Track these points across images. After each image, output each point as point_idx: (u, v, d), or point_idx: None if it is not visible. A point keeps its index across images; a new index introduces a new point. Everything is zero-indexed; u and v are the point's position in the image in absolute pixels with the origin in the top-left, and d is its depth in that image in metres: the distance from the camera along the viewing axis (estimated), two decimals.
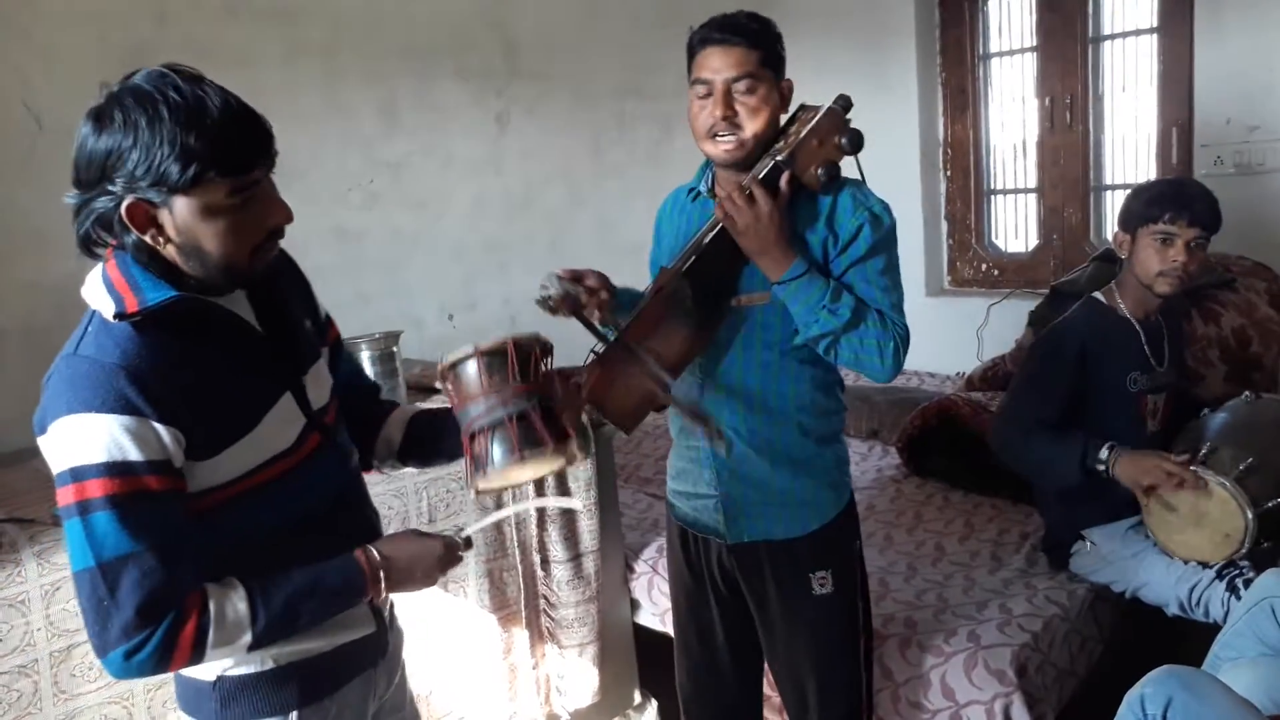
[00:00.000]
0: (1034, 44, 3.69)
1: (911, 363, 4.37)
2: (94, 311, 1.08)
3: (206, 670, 1.16)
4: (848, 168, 1.56)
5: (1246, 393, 2.15)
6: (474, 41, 3.32)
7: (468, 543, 1.26)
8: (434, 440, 1.36)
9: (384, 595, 1.18)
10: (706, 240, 1.52)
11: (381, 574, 1.16)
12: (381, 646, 1.30)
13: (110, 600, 1.01)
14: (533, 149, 3.50)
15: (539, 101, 3.51)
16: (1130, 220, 2.04)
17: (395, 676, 1.38)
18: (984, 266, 4.00)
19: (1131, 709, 1.48)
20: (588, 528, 2.26)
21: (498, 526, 2.17)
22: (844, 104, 1.53)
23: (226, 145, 1.02)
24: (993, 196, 3.99)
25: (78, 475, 1.01)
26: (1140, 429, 2.08)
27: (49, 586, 1.54)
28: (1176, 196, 1.98)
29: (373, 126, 3.05)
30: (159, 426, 1.02)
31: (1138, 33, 3.44)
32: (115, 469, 1.00)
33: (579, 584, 2.25)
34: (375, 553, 1.16)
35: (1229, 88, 3.10)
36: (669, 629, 2.40)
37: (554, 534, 2.22)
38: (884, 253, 1.52)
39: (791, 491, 1.61)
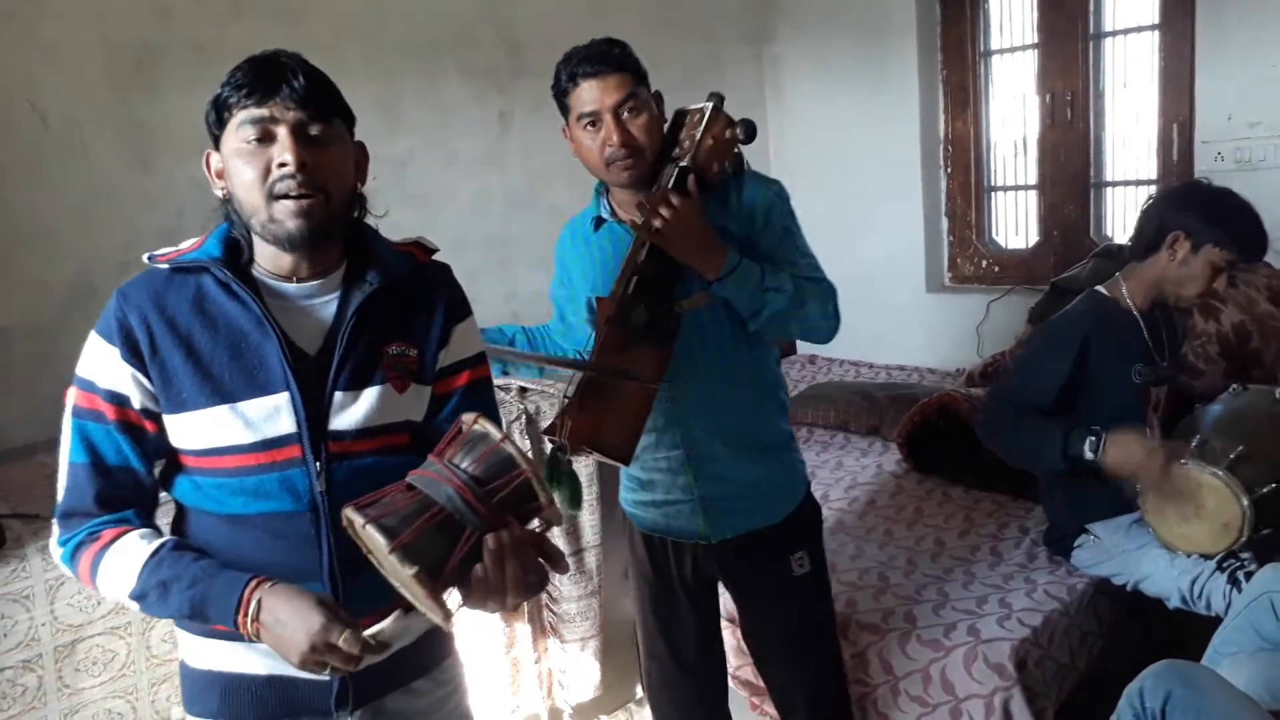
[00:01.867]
0: (1035, 41, 3.68)
1: (912, 358, 4.40)
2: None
3: (179, 650, 1.24)
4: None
5: (1234, 385, 2.15)
6: (477, 39, 3.32)
7: (363, 645, 1.01)
8: None
9: (252, 637, 1.05)
10: (641, 259, 1.54)
11: (252, 611, 1.04)
12: (341, 699, 1.17)
13: (59, 491, 1.14)
14: (535, 146, 3.50)
15: (542, 99, 3.47)
16: (1203, 235, 1.96)
17: None
18: (984, 263, 4.00)
19: (1131, 703, 1.49)
20: (589, 523, 2.27)
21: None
22: (720, 100, 1.59)
23: (244, 76, 1.08)
24: (993, 193, 3.99)
25: (73, 382, 1.14)
26: (1144, 422, 2.08)
27: (53, 582, 1.55)
28: (1259, 238, 1.96)
29: (376, 124, 3.05)
30: (122, 362, 1.11)
31: (1139, 29, 3.44)
32: (85, 385, 1.13)
33: (581, 579, 2.26)
34: (264, 591, 1.04)
35: (1230, 84, 3.10)
36: None
37: (555, 530, 2.22)
38: (793, 222, 1.62)
39: (768, 480, 1.67)
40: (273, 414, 1.12)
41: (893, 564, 2.38)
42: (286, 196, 1.07)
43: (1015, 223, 3.96)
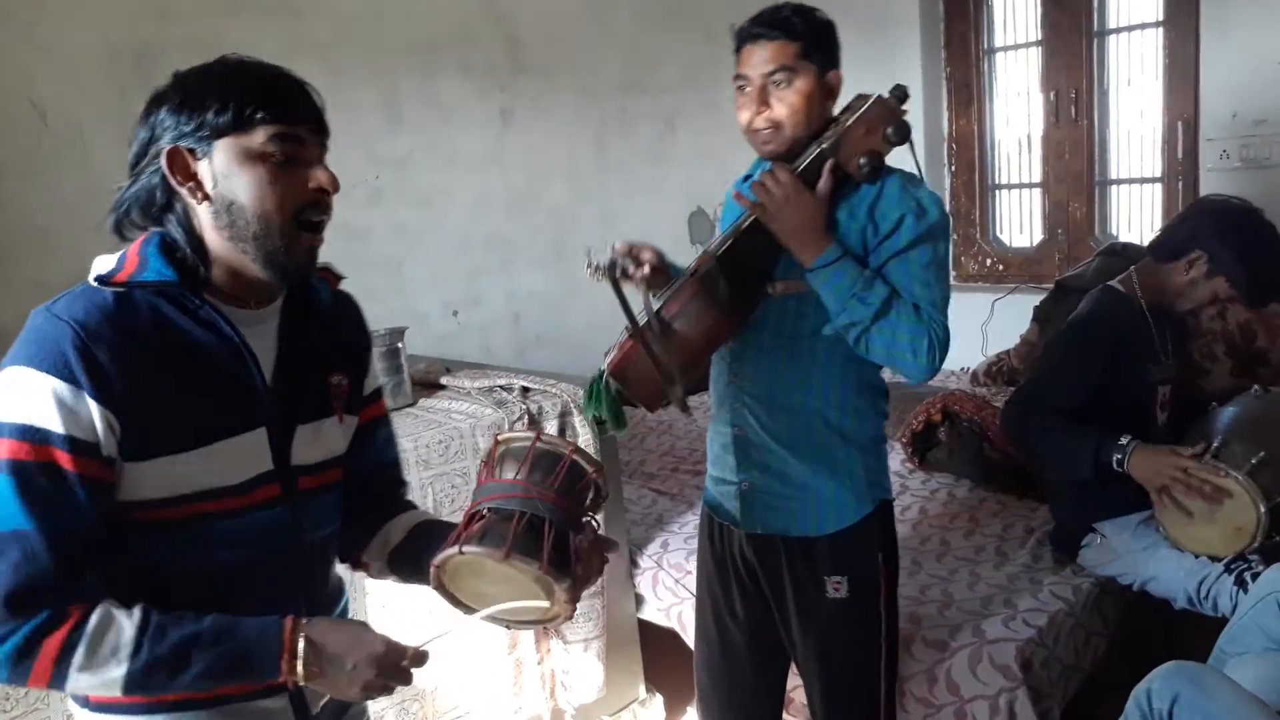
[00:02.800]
0: (1039, 38, 3.67)
1: None
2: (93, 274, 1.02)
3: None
4: (903, 160, 1.55)
5: (1255, 386, 2.14)
6: (477, 37, 3.31)
7: (418, 658, 1.02)
8: (429, 551, 1.12)
9: (297, 681, 0.97)
10: (744, 226, 1.52)
11: (300, 652, 0.96)
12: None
13: None
14: (536, 145, 3.50)
15: (542, 97, 3.50)
16: (1222, 267, 1.94)
17: None
18: (989, 261, 3.99)
19: (1138, 705, 1.48)
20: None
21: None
22: (899, 94, 1.51)
23: (272, 89, 0.99)
24: (997, 191, 3.98)
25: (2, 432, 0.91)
26: (1152, 420, 2.07)
27: None
28: (1269, 293, 2.00)
29: (376, 123, 3.05)
30: (92, 403, 0.92)
31: (1143, 26, 3.43)
32: (29, 433, 0.90)
33: None
34: (304, 625, 0.98)
35: (1235, 82, 3.09)
36: (674, 624, 2.41)
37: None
38: (928, 246, 1.48)
39: (810, 488, 1.58)
40: (251, 452, 1.03)
41: None
42: (314, 228, 1.02)
43: (1020, 221, 3.95)
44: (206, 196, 0.99)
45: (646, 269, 1.55)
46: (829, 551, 1.59)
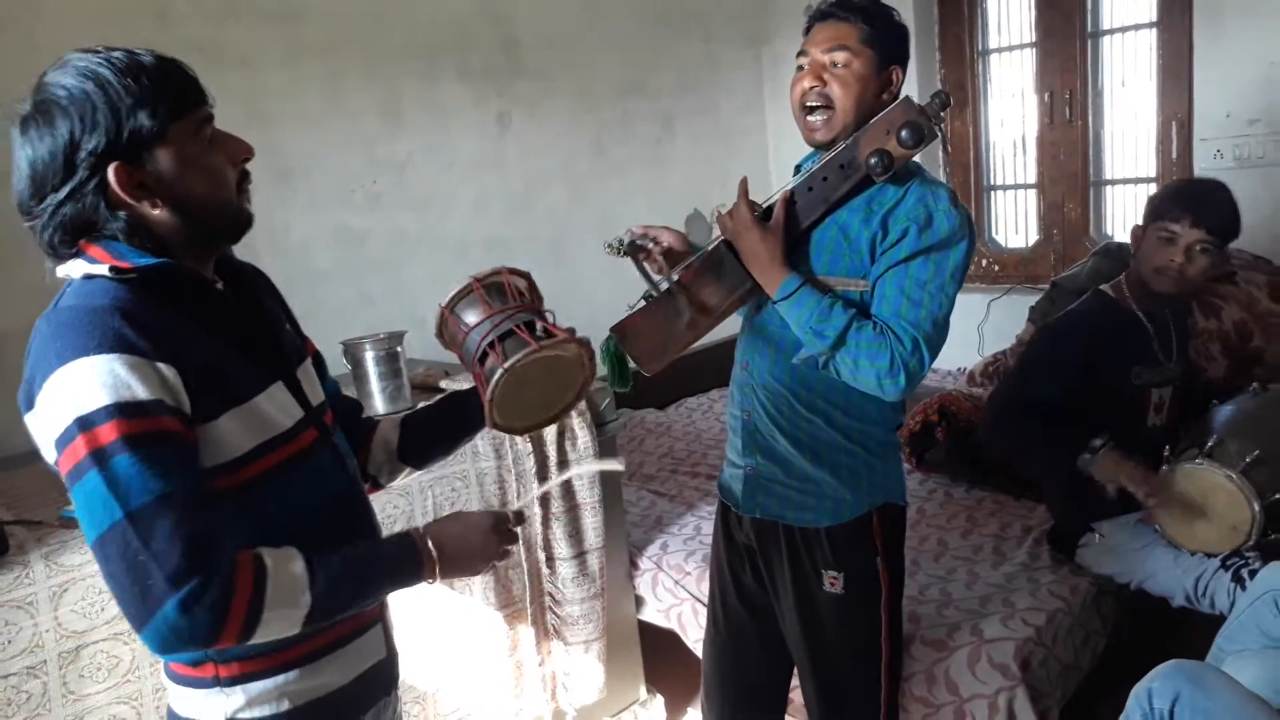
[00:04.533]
0: (1033, 39, 3.69)
1: None
2: (71, 279, 1.02)
3: (214, 712, 1.07)
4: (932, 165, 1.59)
5: (1254, 385, 2.15)
6: (475, 41, 3.32)
7: (518, 516, 1.22)
8: (433, 428, 1.36)
9: (435, 579, 1.11)
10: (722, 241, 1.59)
11: (434, 552, 1.09)
12: (393, 674, 1.25)
13: (147, 552, 0.88)
14: (534, 148, 3.50)
15: (541, 101, 3.51)
16: (1147, 214, 2.04)
17: (397, 707, 1.31)
18: (984, 262, 4.00)
19: (1139, 704, 1.49)
20: (592, 525, 2.27)
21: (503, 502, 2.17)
22: (940, 100, 1.48)
23: (177, 85, 1.00)
24: (992, 192, 3.99)
25: (85, 424, 0.90)
26: (1141, 423, 2.08)
27: (57, 588, 1.55)
28: (1188, 197, 1.99)
29: (375, 127, 3.05)
30: (161, 365, 0.94)
31: (1137, 27, 3.44)
32: (126, 409, 0.90)
33: (584, 581, 2.26)
34: (426, 535, 1.11)
35: (1228, 82, 3.10)
36: (673, 625, 2.42)
37: (559, 531, 2.22)
38: (928, 261, 1.44)
39: (812, 480, 1.59)
40: (284, 401, 1.09)
41: None
42: (246, 190, 1.08)
43: (1015, 222, 3.96)
44: (161, 200, 0.99)
45: (664, 243, 1.62)
46: (827, 545, 1.60)
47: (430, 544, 1.10)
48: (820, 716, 1.71)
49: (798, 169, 1.66)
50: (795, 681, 1.81)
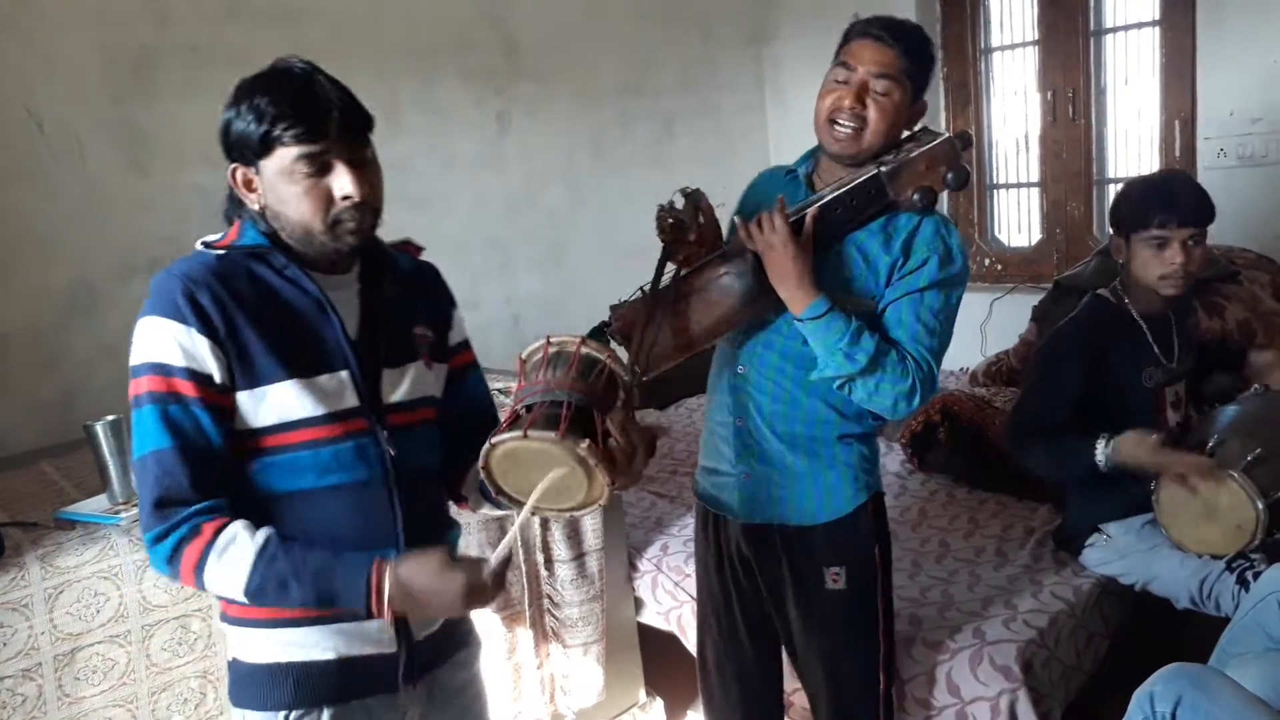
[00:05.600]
0: (1035, 38, 3.68)
1: None
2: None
3: (229, 651, 1.25)
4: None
5: (1256, 385, 2.13)
6: (475, 41, 3.31)
7: (498, 581, 1.13)
8: None
9: (384, 617, 1.12)
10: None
11: (387, 594, 1.10)
12: (408, 673, 1.24)
13: (141, 490, 1.12)
14: (534, 148, 3.50)
15: (540, 101, 3.50)
16: (1122, 224, 2.03)
17: (443, 714, 1.30)
18: (987, 261, 3.99)
19: (1141, 707, 1.48)
20: (591, 527, 2.26)
21: (500, 527, 2.17)
22: (964, 140, 1.52)
23: (289, 108, 1.11)
24: (995, 191, 3.98)
25: (135, 372, 1.12)
26: (1156, 423, 2.07)
27: (52, 590, 1.54)
28: (1163, 197, 1.97)
29: (375, 127, 3.05)
30: (201, 338, 1.10)
31: (1139, 25, 3.43)
32: (157, 368, 1.10)
33: (583, 583, 2.25)
34: (389, 571, 1.10)
35: (1231, 80, 3.09)
36: (673, 627, 2.41)
37: (557, 533, 2.22)
38: (942, 293, 1.51)
39: (808, 476, 1.61)
40: (338, 388, 1.18)
41: (897, 566, 2.35)
42: (345, 224, 1.15)
43: (1018, 220, 3.95)
44: (265, 204, 1.17)
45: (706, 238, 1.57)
46: (826, 541, 1.62)
47: (387, 582, 1.10)
48: (830, 715, 1.71)
49: (790, 172, 1.67)
50: (795, 684, 1.81)
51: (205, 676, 1.70)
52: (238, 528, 1.10)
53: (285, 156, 1.12)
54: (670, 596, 2.42)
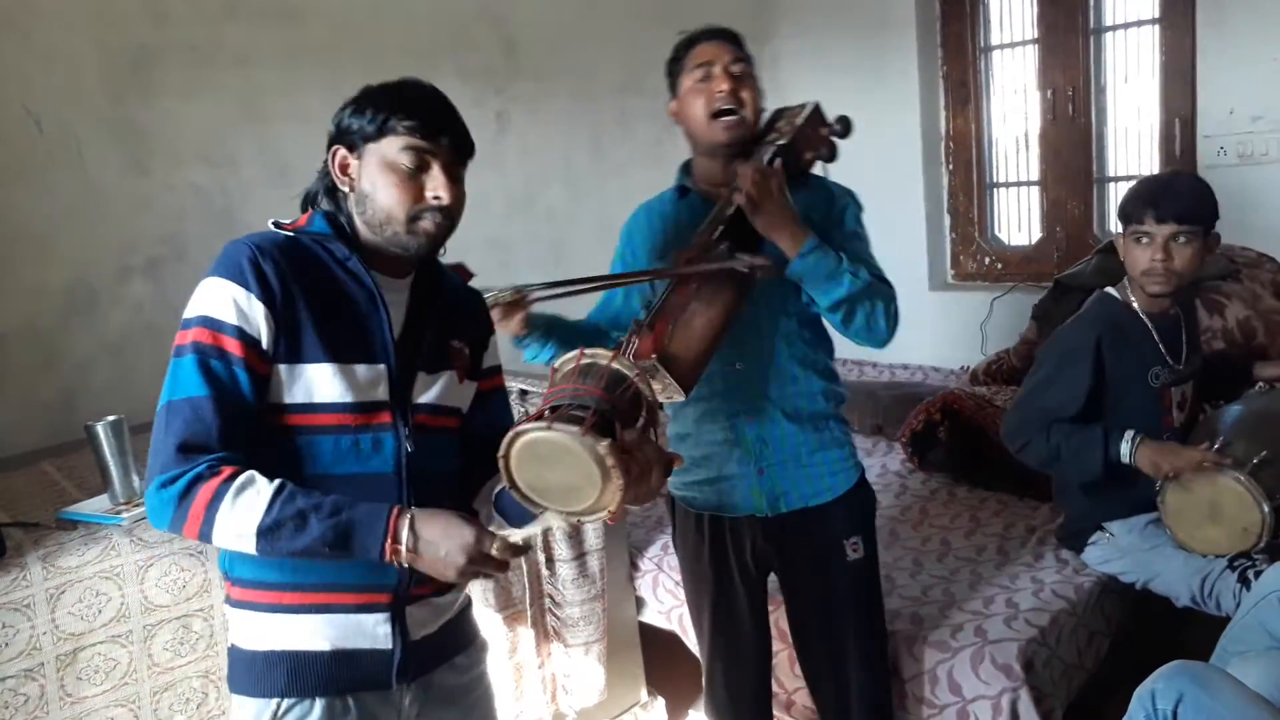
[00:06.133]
0: (1035, 36, 3.67)
1: (915, 357, 4.40)
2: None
3: (231, 636, 1.26)
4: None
5: (1260, 383, 2.13)
6: (474, 40, 3.31)
7: (509, 547, 1.14)
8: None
9: (400, 561, 1.12)
10: (728, 214, 1.56)
11: (404, 536, 1.11)
12: (403, 671, 1.25)
13: (164, 435, 1.12)
14: (533, 147, 3.49)
15: (539, 100, 3.50)
16: (1120, 221, 2.05)
17: (444, 714, 1.31)
18: (987, 260, 3.99)
19: (1143, 705, 1.48)
20: (592, 526, 2.26)
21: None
22: (818, 105, 1.66)
23: (411, 105, 1.21)
24: (995, 189, 3.98)
25: (186, 324, 1.15)
26: (1161, 423, 2.06)
27: (54, 590, 1.54)
28: (1146, 194, 1.97)
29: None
30: (258, 304, 1.14)
31: (1139, 24, 3.43)
32: (208, 323, 1.14)
33: (584, 583, 2.25)
34: (410, 514, 1.13)
35: (1231, 78, 3.09)
36: (674, 627, 2.41)
37: (558, 533, 2.21)
38: (862, 228, 1.69)
39: (819, 455, 1.69)
40: (373, 380, 1.21)
41: (898, 565, 2.37)
42: (424, 223, 1.21)
43: (1018, 219, 3.95)
44: (354, 187, 1.23)
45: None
46: (843, 514, 1.71)
47: (405, 528, 1.11)
48: (858, 684, 1.75)
49: (679, 191, 1.75)
50: (798, 682, 1.82)
51: (207, 676, 1.70)
52: (254, 474, 1.12)
53: (394, 144, 1.19)
54: (671, 596, 2.42)
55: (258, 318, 1.15)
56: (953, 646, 1.98)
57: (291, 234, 1.23)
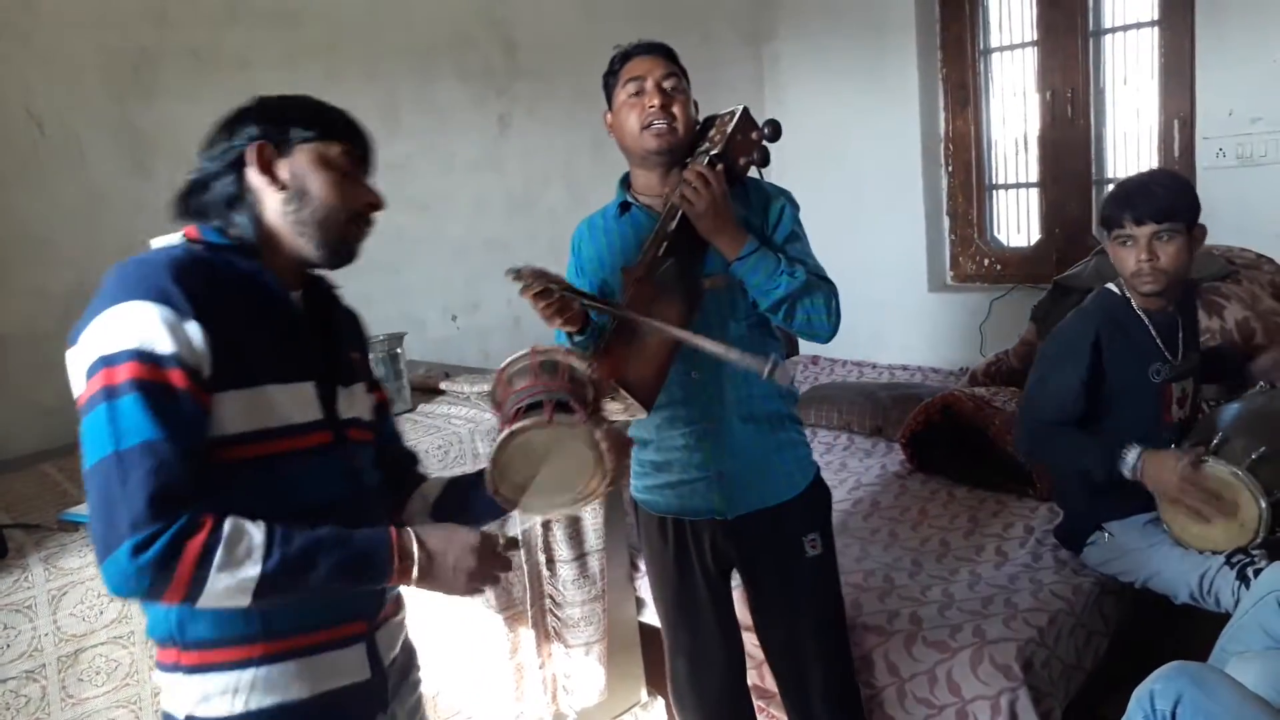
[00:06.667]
0: (1034, 38, 3.68)
1: (914, 358, 4.40)
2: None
3: (176, 707, 1.10)
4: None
5: (1261, 382, 2.14)
6: (474, 42, 3.31)
7: (511, 542, 1.17)
8: (463, 498, 1.32)
9: (410, 581, 1.08)
10: (671, 229, 1.60)
11: (414, 553, 1.07)
12: (379, 698, 1.19)
13: (122, 490, 0.96)
14: (534, 149, 3.50)
15: (540, 101, 3.50)
16: (1103, 228, 2.06)
17: None
18: (986, 261, 3.99)
19: (1141, 706, 1.48)
20: (592, 527, 2.26)
21: (502, 526, 2.17)
22: (747, 109, 1.69)
23: (347, 121, 1.21)
24: (994, 191, 3.99)
25: (109, 361, 0.99)
26: (1160, 419, 2.07)
27: (56, 591, 1.55)
28: (1122, 197, 1.98)
29: (373, 128, 3.00)
30: (193, 325, 1.02)
31: (1138, 26, 3.43)
32: (146, 356, 0.99)
33: (584, 583, 2.26)
34: (411, 535, 1.09)
35: (1230, 80, 3.09)
36: None
37: (559, 533, 2.22)
38: (800, 228, 1.72)
39: (775, 456, 1.73)
40: (306, 398, 1.14)
41: (898, 565, 2.37)
42: (359, 225, 1.21)
43: (1017, 220, 3.96)
44: (283, 186, 1.14)
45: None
46: (801, 512, 1.75)
47: (413, 543, 1.08)
48: (821, 682, 1.78)
49: (622, 207, 1.76)
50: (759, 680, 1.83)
51: None
52: (237, 519, 1.00)
53: (333, 146, 1.17)
54: None
55: (196, 340, 1.02)
56: (951, 646, 1.99)
57: (198, 246, 1.11)
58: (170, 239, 1.14)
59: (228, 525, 0.99)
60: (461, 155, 3.30)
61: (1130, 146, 3.57)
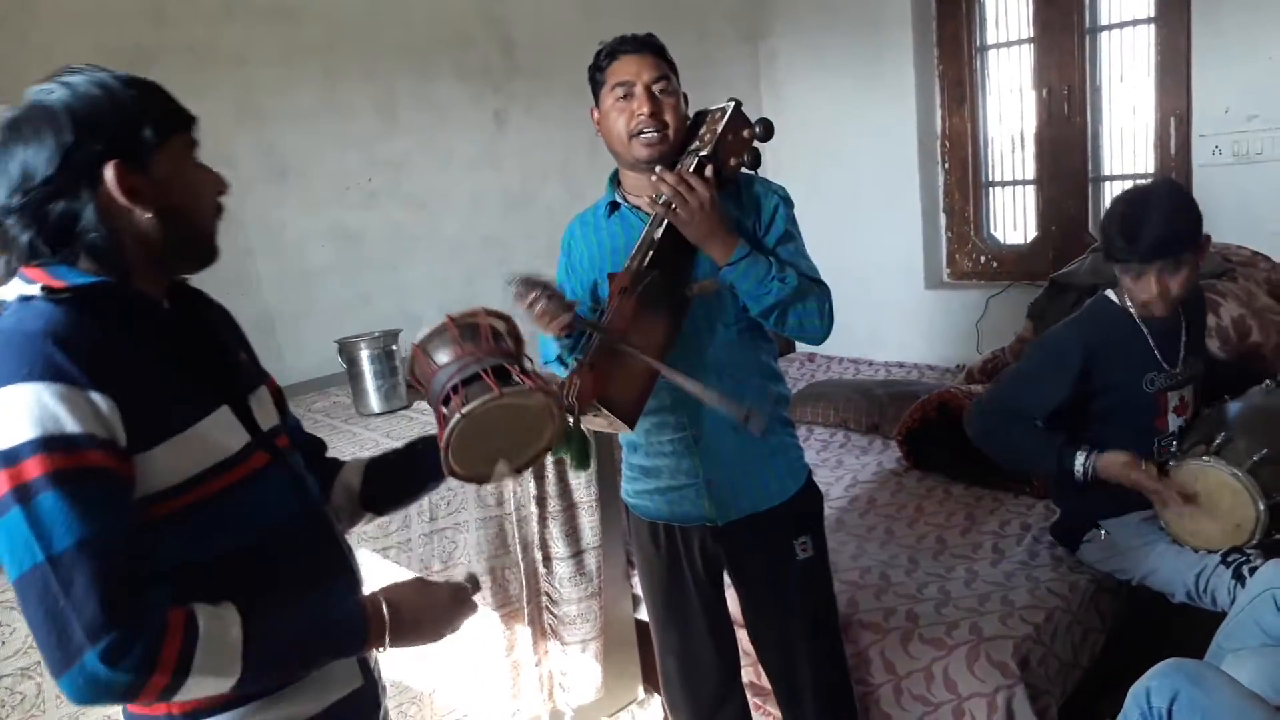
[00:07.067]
0: (1031, 35, 3.68)
1: (911, 355, 4.40)
2: (6, 303, 0.97)
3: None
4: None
5: (1267, 381, 2.12)
6: (472, 39, 3.31)
7: (474, 583, 1.17)
8: (397, 476, 1.30)
9: (385, 648, 1.05)
10: (657, 236, 1.57)
11: (387, 623, 1.03)
12: (373, 701, 1.18)
13: (66, 600, 0.85)
14: (531, 146, 3.49)
15: (537, 99, 3.50)
16: (1104, 254, 2.00)
17: None
18: (983, 259, 4.00)
19: (1137, 703, 1.48)
20: (589, 524, 2.26)
21: (499, 524, 2.17)
22: (739, 103, 1.64)
23: (174, 104, 1.03)
24: (991, 188, 3.99)
25: (10, 458, 0.86)
26: (1154, 426, 2.06)
27: None
28: (1125, 230, 1.91)
29: (371, 125, 3.04)
30: (95, 395, 0.89)
31: (1135, 23, 3.43)
32: (53, 443, 0.87)
33: (581, 580, 2.26)
34: (381, 600, 1.05)
35: (1227, 77, 3.10)
36: None
37: (555, 530, 2.22)
38: (794, 227, 1.67)
39: (770, 460, 1.71)
40: (229, 424, 1.05)
41: (894, 562, 2.38)
42: (219, 215, 1.09)
43: (1013, 218, 3.96)
44: (150, 204, 0.99)
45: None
46: (791, 515, 1.73)
47: (384, 610, 1.03)
48: (813, 682, 1.77)
49: (611, 206, 1.73)
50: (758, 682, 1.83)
51: None
52: (196, 607, 0.91)
53: (181, 146, 1.02)
54: None
55: (102, 410, 0.90)
56: (948, 644, 1.99)
57: (66, 296, 0.94)
58: (22, 290, 0.96)
59: (202, 623, 0.90)
60: (459, 153, 3.29)
61: (1127, 144, 3.57)
